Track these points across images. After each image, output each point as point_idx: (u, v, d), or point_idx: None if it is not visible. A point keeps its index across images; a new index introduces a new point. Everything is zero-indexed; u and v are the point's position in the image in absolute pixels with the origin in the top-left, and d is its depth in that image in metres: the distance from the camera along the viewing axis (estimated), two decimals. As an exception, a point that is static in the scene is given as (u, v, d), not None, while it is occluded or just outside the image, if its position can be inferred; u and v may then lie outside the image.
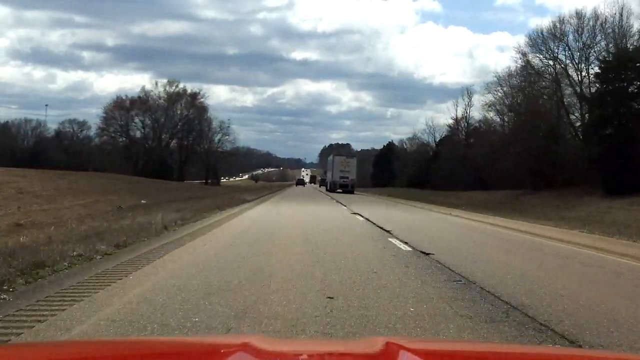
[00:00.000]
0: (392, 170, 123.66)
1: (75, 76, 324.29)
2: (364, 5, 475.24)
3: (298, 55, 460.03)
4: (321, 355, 2.28)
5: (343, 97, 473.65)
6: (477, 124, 74.81)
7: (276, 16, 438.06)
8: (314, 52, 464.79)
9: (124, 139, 75.52)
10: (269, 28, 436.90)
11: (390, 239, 13.91)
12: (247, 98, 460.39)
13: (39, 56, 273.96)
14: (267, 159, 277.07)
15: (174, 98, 78.48)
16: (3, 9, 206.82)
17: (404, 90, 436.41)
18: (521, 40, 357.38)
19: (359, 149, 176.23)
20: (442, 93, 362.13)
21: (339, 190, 57.77)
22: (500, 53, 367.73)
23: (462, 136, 79.68)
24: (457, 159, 69.40)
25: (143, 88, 78.84)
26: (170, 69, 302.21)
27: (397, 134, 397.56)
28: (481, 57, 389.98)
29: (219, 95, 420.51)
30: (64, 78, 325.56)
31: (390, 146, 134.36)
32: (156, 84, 79.44)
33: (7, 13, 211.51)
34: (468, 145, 73.67)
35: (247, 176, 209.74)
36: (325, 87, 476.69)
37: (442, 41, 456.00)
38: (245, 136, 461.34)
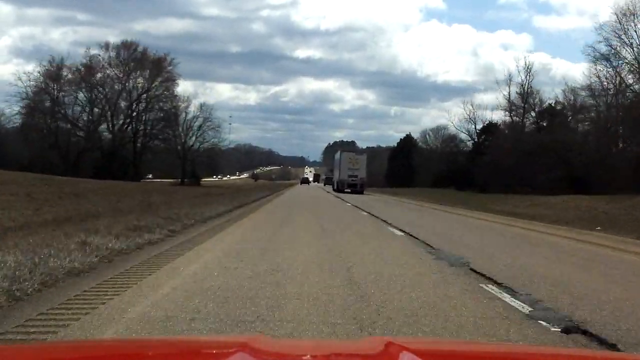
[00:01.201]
0: (411, 167, 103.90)
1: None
2: (368, 3, 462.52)
3: (301, 53, 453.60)
4: (324, 355, 2.21)
5: (346, 95, 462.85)
6: (555, 100, 53.75)
7: (279, 14, 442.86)
8: (317, 50, 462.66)
9: (51, 120, 54.35)
10: (272, 26, 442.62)
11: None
12: (250, 96, 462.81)
13: (41, 54, 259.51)
14: (269, 157, 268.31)
15: (132, 67, 58.66)
16: (4, 6, 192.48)
17: (407, 88, 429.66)
18: (526, 39, 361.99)
19: (363, 147, 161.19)
20: (446, 91, 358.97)
21: (347, 190, 52.22)
22: (504, 51, 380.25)
23: (522, 120, 59.10)
24: (524, 152, 49.04)
25: (87, 52, 58.13)
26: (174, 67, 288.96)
27: (400, 132, 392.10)
28: (485, 55, 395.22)
29: (222, 94, 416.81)
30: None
31: (409, 139, 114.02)
32: (107, 47, 59.50)
33: (9, 11, 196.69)
34: (538, 129, 53.28)
35: (247, 174, 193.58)
36: (329, 85, 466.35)
37: (446, 39, 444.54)
38: (248, 134, 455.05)
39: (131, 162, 54.35)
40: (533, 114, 55.78)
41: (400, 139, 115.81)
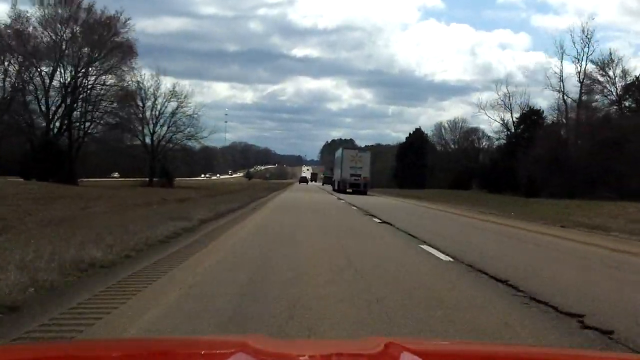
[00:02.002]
0: (423, 166, 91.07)
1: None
2: (366, 2, 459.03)
3: (299, 52, 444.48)
4: (324, 356, 2.21)
5: (344, 94, 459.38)
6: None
7: (276, 12, 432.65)
8: (314, 49, 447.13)
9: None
10: (269, 24, 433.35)
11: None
12: (247, 95, 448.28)
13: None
14: (266, 156, 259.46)
15: (73, 29, 43.67)
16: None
17: (405, 87, 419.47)
18: (524, 38, 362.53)
19: (362, 146, 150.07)
20: (444, 90, 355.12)
21: (348, 191, 48.85)
22: (502, 51, 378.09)
23: (579, 100, 45.57)
24: (600, 142, 35.63)
25: (14, 5, 42.37)
26: (171, 66, 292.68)
27: (398, 132, 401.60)
28: (483, 54, 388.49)
29: (219, 93, 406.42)
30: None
31: (419, 134, 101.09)
32: (40, 1, 41.79)
33: (0, 10, 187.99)
34: (621, 111, 39.76)
35: (241, 173, 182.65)
36: (326, 84, 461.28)
37: (444, 38, 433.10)
38: (245, 133, 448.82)
39: (67, 155, 40.24)
40: (614, 90, 41.94)
41: (410, 133, 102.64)
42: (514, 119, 58.67)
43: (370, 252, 10.07)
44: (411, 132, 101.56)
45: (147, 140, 54.91)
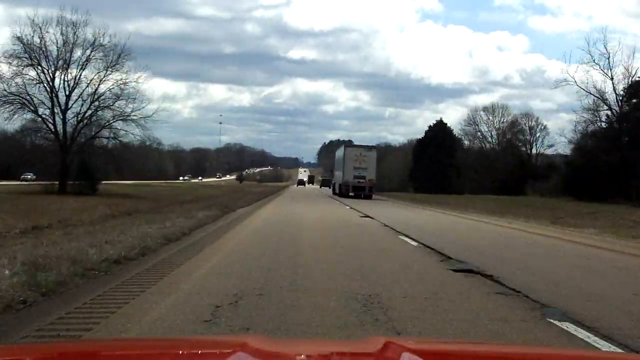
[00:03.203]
0: (449, 165, 72.17)
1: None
2: (363, 4, 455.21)
3: (295, 54, 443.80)
4: (323, 355, 2.19)
5: (340, 96, 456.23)
6: None
7: (273, 14, 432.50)
8: (311, 51, 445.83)
9: None
10: (265, 26, 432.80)
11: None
12: (244, 97, 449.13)
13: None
14: (262, 158, 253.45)
15: None
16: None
17: (402, 89, 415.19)
18: (522, 40, 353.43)
19: None
20: (440, 93, 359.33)
21: (351, 194, 43.99)
22: (499, 52, 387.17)
23: None
24: None
25: None
26: (166, 68, 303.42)
27: (395, 134, 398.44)
28: (480, 56, 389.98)
29: (216, 95, 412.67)
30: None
31: (441, 126, 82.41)
32: None
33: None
34: None
35: (234, 175, 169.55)
36: (322, 86, 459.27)
37: (441, 40, 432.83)
38: (243, 136, 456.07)
39: None
40: None
41: (429, 126, 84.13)
42: (618, 93, 38.76)
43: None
44: (431, 125, 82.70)
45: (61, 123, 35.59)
